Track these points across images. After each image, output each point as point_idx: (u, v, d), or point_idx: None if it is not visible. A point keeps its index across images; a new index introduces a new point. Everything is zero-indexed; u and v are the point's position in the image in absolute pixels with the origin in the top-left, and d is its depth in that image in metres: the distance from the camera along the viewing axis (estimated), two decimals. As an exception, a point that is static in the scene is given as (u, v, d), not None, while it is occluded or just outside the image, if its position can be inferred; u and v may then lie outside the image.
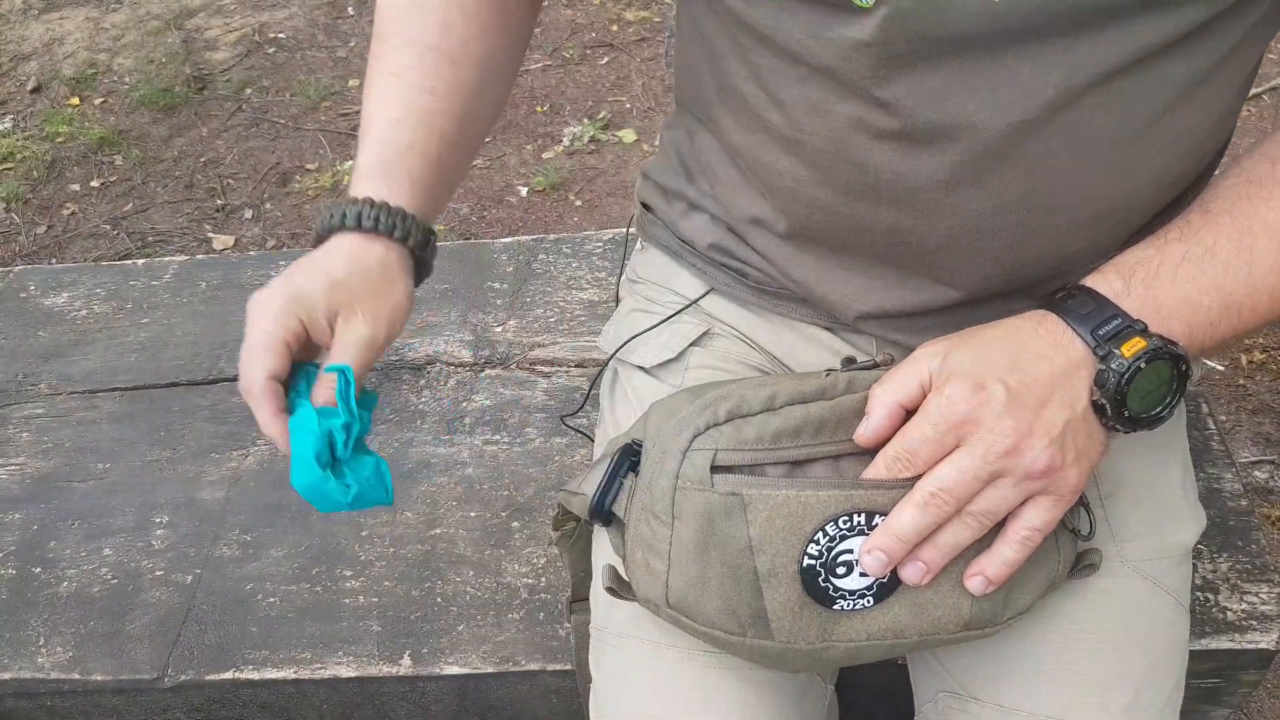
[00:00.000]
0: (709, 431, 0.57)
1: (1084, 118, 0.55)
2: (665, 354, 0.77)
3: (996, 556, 0.56)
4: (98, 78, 2.47)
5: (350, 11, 2.60)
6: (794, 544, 0.55)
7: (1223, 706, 0.98)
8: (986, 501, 0.53)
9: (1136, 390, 0.53)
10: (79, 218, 2.11)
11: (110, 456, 1.11)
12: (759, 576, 0.56)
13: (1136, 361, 0.52)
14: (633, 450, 0.61)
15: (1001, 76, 0.54)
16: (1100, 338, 0.54)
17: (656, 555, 0.58)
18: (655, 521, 0.58)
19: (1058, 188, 0.58)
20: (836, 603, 0.57)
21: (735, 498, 0.56)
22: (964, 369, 0.54)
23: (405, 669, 0.92)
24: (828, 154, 0.60)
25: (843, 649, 0.58)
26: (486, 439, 1.09)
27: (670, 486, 0.57)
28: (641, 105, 2.26)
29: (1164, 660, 0.67)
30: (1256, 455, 1.12)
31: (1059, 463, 0.53)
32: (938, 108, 0.55)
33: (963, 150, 0.56)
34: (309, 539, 1.01)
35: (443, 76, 0.67)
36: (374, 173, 0.64)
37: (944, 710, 0.69)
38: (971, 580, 0.57)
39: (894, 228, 0.62)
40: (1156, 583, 0.68)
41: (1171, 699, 0.67)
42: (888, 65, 0.54)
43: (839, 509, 0.55)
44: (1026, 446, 0.52)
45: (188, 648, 0.95)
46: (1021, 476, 0.52)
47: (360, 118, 0.68)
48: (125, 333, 1.24)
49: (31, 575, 1.01)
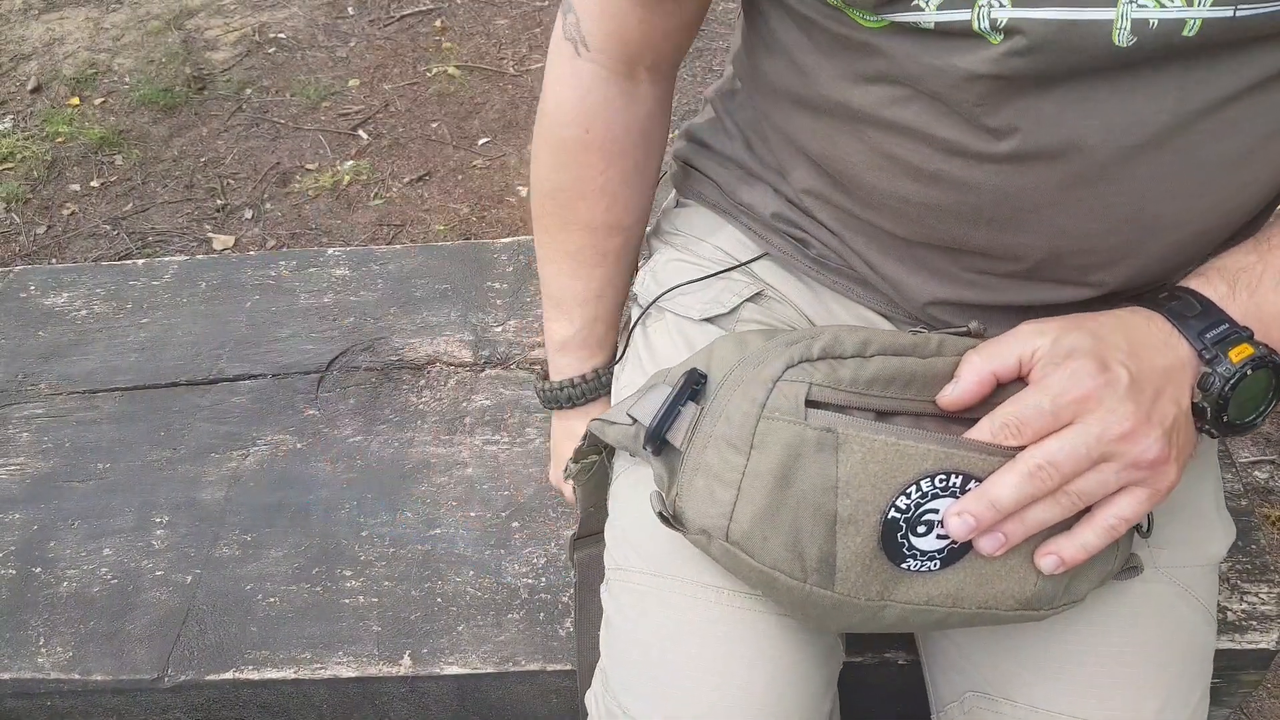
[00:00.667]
0: (802, 365, 0.55)
1: (1194, 142, 0.54)
2: (716, 308, 0.75)
3: (1077, 539, 0.55)
4: (98, 78, 2.47)
5: (350, 11, 2.59)
6: (884, 492, 0.53)
7: (1223, 706, 0.97)
8: (1087, 483, 0.53)
9: (1238, 396, 0.53)
10: (79, 218, 2.11)
11: (110, 456, 1.11)
12: (838, 520, 0.54)
13: (1243, 367, 0.52)
14: (695, 379, 0.59)
15: (1116, 102, 0.52)
16: (1207, 341, 0.53)
17: (724, 484, 0.56)
18: (729, 450, 0.55)
19: (1164, 210, 0.57)
20: (906, 561, 0.55)
21: (830, 434, 0.54)
22: (1085, 348, 0.53)
23: (405, 669, 0.92)
24: (923, 174, 0.59)
25: (898, 610, 0.57)
26: (486, 439, 1.09)
27: (754, 414, 0.55)
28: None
29: (1193, 668, 0.66)
30: (1256, 455, 1.11)
31: (1166, 455, 0.52)
32: (1049, 133, 0.54)
33: (1072, 174, 0.55)
34: (309, 539, 1.01)
35: (613, 243, 0.77)
36: (573, 350, 0.82)
37: (971, 710, 0.68)
38: (1045, 559, 0.56)
39: (991, 244, 0.61)
40: (1189, 591, 0.67)
41: (1198, 709, 0.66)
42: (1000, 94, 0.53)
43: (938, 465, 0.53)
44: (1143, 434, 0.51)
45: (187, 648, 0.95)
46: (1128, 463, 0.52)
47: (541, 283, 0.82)
48: (125, 333, 1.24)
49: (31, 575, 1.01)
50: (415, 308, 1.23)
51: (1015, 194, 0.57)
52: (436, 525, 1.02)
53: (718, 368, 0.59)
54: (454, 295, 1.25)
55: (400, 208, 2.06)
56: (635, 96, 0.71)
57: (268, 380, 1.17)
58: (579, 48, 0.68)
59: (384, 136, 2.24)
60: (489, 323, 1.21)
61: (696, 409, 0.58)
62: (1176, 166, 0.55)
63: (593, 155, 0.72)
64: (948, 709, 0.71)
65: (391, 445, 1.09)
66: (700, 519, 0.57)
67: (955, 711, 0.70)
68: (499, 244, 1.32)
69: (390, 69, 2.41)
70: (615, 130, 0.71)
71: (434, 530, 1.01)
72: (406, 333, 1.20)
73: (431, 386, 1.15)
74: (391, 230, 2.01)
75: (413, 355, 1.18)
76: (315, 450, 1.09)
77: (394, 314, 1.23)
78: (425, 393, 1.14)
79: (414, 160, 2.18)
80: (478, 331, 1.20)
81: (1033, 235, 0.59)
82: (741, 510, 0.55)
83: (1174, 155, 0.54)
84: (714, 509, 0.56)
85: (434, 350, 1.19)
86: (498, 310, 1.23)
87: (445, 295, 1.25)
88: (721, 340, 0.61)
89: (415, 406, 1.13)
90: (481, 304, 1.23)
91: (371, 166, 2.17)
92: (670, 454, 0.59)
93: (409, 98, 2.34)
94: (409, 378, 1.16)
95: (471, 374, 1.16)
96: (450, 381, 1.16)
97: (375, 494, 1.05)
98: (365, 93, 2.36)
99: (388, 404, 1.13)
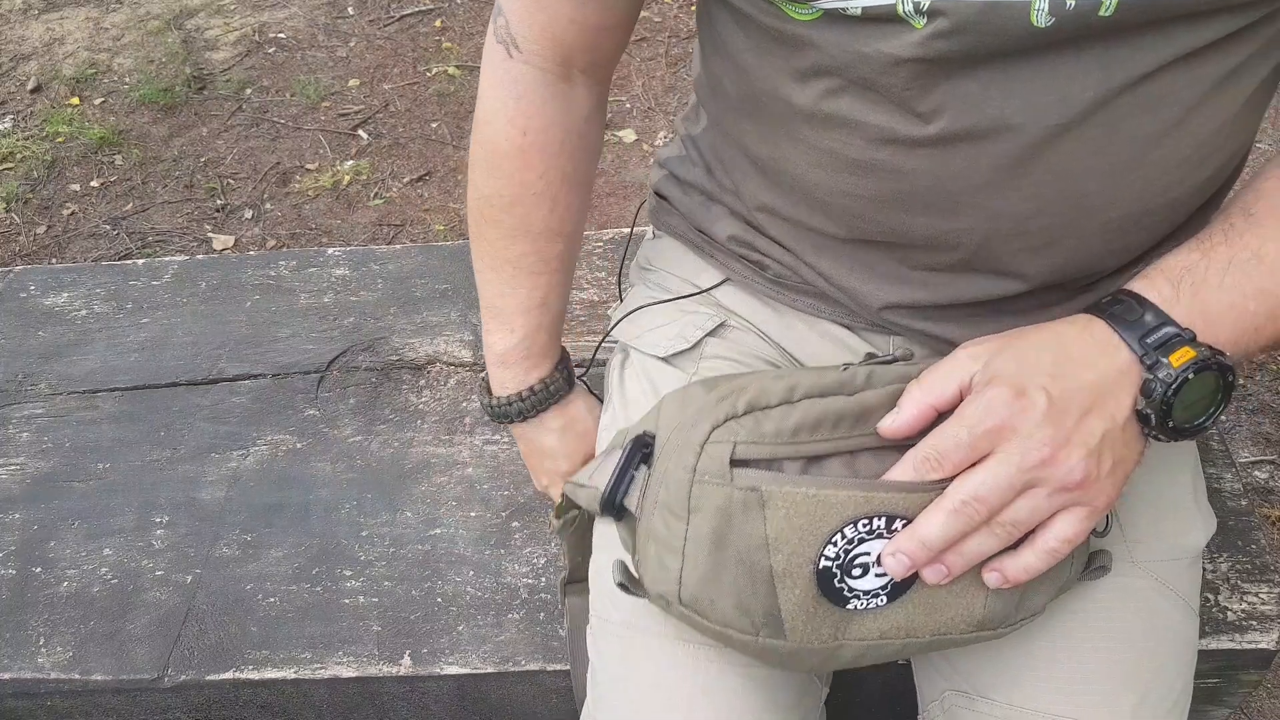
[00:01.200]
0: (728, 424, 0.56)
1: (1119, 118, 0.54)
2: (680, 344, 0.76)
3: (1020, 561, 0.55)
4: (98, 77, 2.47)
5: (350, 11, 2.59)
6: (811, 544, 0.54)
7: (1223, 706, 0.98)
8: (1018, 511, 0.53)
9: (1182, 400, 0.52)
10: (79, 218, 2.11)
11: (110, 456, 1.11)
12: (774, 575, 0.55)
13: (1184, 372, 0.52)
14: (644, 442, 0.60)
15: (1040, 82, 0.53)
16: (1148, 346, 0.53)
17: (670, 551, 0.57)
18: (670, 517, 0.57)
19: (1094, 188, 0.57)
20: (850, 602, 0.56)
21: (754, 493, 0.54)
22: (1006, 373, 0.53)
23: (405, 669, 0.92)
24: (861, 164, 0.60)
25: (854, 648, 0.58)
26: (486, 439, 1.09)
27: (687, 480, 0.56)
28: (641, 105, 2.26)
29: (1172, 662, 0.67)
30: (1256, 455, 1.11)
31: (1094, 475, 0.52)
32: (976, 114, 0.55)
33: (1001, 154, 0.56)
34: (309, 539, 1.01)
35: (554, 250, 0.76)
36: (515, 361, 0.80)
37: (950, 709, 0.69)
38: (989, 574, 0.56)
39: (930, 232, 0.62)
40: (1166, 584, 0.67)
41: (1180, 701, 0.67)
42: (926, 77, 0.54)
43: (859, 511, 0.54)
44: (1063, 458, 0.51)
45: (188, 648, 0.95)
46: (1056, 488, 0.52)
47: (480, 294, 0.79)
48: (125, 333, 1.24)
49: (31, 575, 1.01)
50: (415, 308, 1.23)
51: (948, 178, 0.58)
52: (436, 525, 1.02)
53: (664, 428, 0.60)
54: (454, 295, 1.25)
55: (400, 207, 2.07)
56: (571, 99, 0.71)
57: (268, 380, 1.17)
58: (510, 50, 0.68)
59: (384, 136, 2.24)
60: (489, 323, 1.21)
61: (647, 473, 0.59)
62: (1102, 144, 0.55)
63: (531, 158, 0.71)
64: (930, 708, 0.72)
65: (391, 445, 1.09)
66: (655, 586, 0.59)
67: (936, 711, 0.70)
68: (499, 244, 1.32)
69: (390, 69, 2.41)
70: (553, 133, 0.71)
71: (434, 530, 1.01)
72: (406, 333, 1.21)
73: (431, 386, 1.15)
74: (391, 230, 2.01)
75: (413, 355, 1.18)
76: (315, 450, 1.09)
77: (394, 314, 1.23)
78: (425, 393, 1.14)
79: (414, 160, 2.18)
80: (477, 331, 1.20)
81: (967, 219, 0.60)
82: (688, 575, 0.57)
83: (1099, 132, 0.55)
84: (665, 575, 0.58)
85: (434, 350, 1.19)
86: (498, 310, 1.23)
87: (445, 295, 1.25)
88: (669, 397, 0.61)
89: (415, 406, 1.13)
90: (481, 304, 1.23)
91: (371, 166, 2.17)
92: (630, 519, 0.60)
93: (409, 97, 2.34)
94: (409, 378, 1.16)
95: (471, 374, 1.16)
96: (450, 381, 1.16)
97: (375, 494, 1.05)
98: (365, 93, 2.36)
99: (388, 404, 1.13)
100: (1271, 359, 1.53)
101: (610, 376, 0.84)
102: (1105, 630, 0.65)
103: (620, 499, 0.60)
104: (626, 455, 0.60)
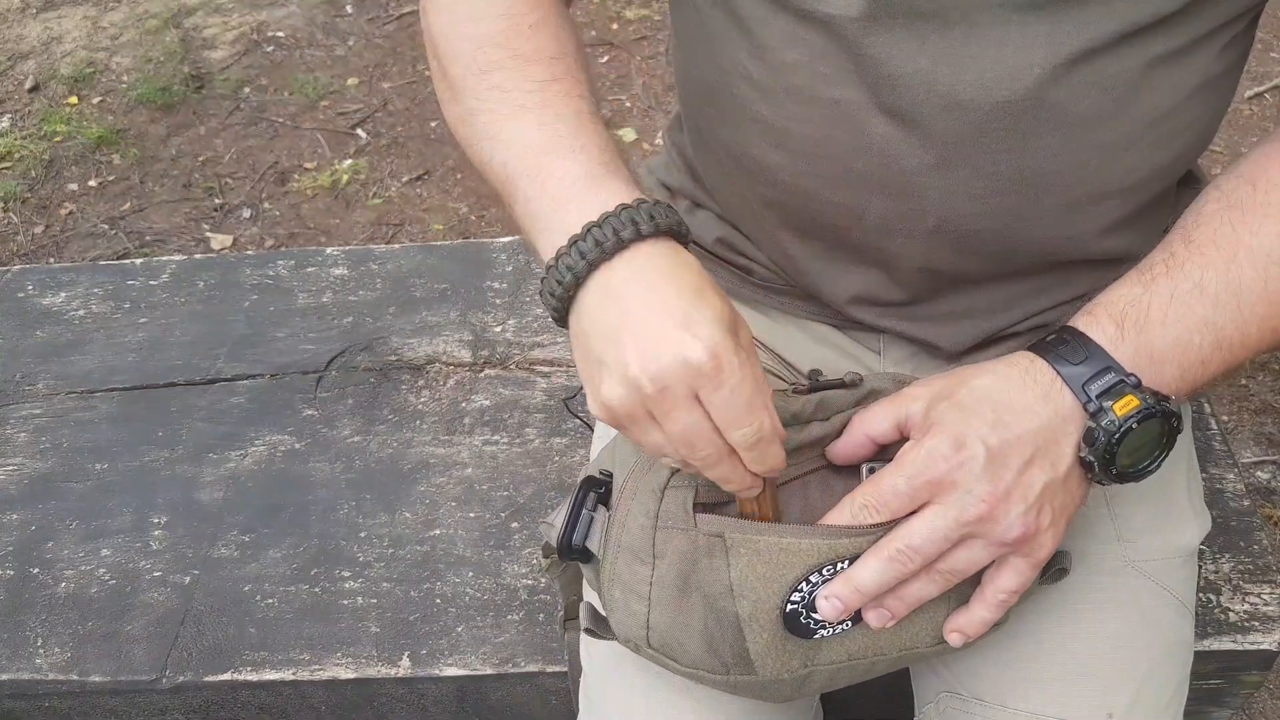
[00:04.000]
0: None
1: (1069, 95, 0.55)
2: None
3: (974, 617, 0.56)
4: (96, 76, 2.46)
5: (349, 10, 2.59)
6: (776, 591, 0.54)
7: (1225, 707, 0.97)
8: (955, 561, 0.53)
9: (1126, 448, 0.52)
10: (77, 217, 2.10)
11: (108, 457, 1.10)
12: (740, 620, 0.55)
13: (1129, 421, 0.51)
14: (598, 482, 0.59)
15: (989, 57, 0.54)
16: (1091, 394, 0.52)
17: (636, 596, 0.57)
18: (635, 561, 0.56)
19: (1048, 168, 0.57)
20: (817, 633, 0.56)
21: (718, 539, 0.54)
22: (947, 422, 0.53)
23: (404, 670, 0.92)
24: (817, 142, 0.60)
25: (825, 672, 0.58)
26: (486, 439, 1.09)
27: (650, 526, 0.56)
28: (641, 104, 2.26)
29: (1166, 661, 0.67)
30: (1259, 455, 1.11)
31: (1033, 530, 0.52)
32: (926, 88, 0.55)
33: (952, 131, 0.56)
34: (307, 540, 1.01)
35: (584, 76, 0.62)
36: (605, 173, 0.54)
37: (945, 710, 0.69)
38: (951, 636, 0.57)
39: (886, 214, 0.62)
40: (1159, 583, 0.68)
41: (1174, 700, 0.67)
42: (874, 46, 0.54)
43: (822, 558, 0.54)
44: (1001, 514, 0.51)
45: (186, 649, 0.94)
46: (993, 542, 0.52)
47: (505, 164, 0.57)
48: (123, 333, 1.23)
49: (29, 576, 1.01)
50: (414, 307, 1.23)
51: (900, 156, 0.58)
52: (435, 526, 1.01)
53: (620, 468, 0.59)
54: (453, 295, 1.24)
55: (399, 207, 2.06)
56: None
57: (266, 380, 1.17)
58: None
59: (382, 135, 2.24)
60: (488, 322, 1.21)
61: (607, 515, 0.58)
62: (1052, 122, 0.55)
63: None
64: (925, 710, 0.72)
65: (390, 445, 1.09)
66: (623, 630, 0.59)
67: (931, 713, 0.71)
68: (498, 243, 1.31)
69: (389, 68, 2.40)
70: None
71: (433, 531, 1.01)
72: (405, 332, 1.20)
73: (430, 386, 1.15)
74: (390, 229, 2.01)
75: (411, 355, 1.18)
76: (313, 450, 1.09)
77: (392, 314, 1.22)
78: (424, 393, 1.14)
79: (413, 159, 2.18)
80: (477, 331, 1.20)
81: (922, 200, 0.60)
82: (656, 619, 0.57)
83: (1049, 110, 0.55)
84: (632, 620, 0.58)
85: (433, 350, 1.18)
86: (497, 310, 1.22)
87: (444, 295, 1.24)
88: (622, 436, 0.59)
89: (414, 406, 1.13)
90: (480, 304, 1.23)
91: (370, 165, 2.16)
92: (595, 560, 0.60)
93: (408, 96, 2.33)
94: (408, 378, 1.16)
95: (470, 374, 1.16)
96: (449, 381, 1.15)
97: (374, 494, 1.04)
98: (364, 91, 2.35)
99: (386, 404, 1.13)
100: (1273, 359, 1.52)
101: None
102: (1099, 630, 0.66)
103: (583, 542, 0.59)
104: (577, 499, 0.59)
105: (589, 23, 2.49)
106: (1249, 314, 0.55)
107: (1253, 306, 0.55)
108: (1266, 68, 2.14)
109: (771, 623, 0.55)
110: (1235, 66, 0.60)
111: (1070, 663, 0.65)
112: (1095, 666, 0.65)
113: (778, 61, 0.58)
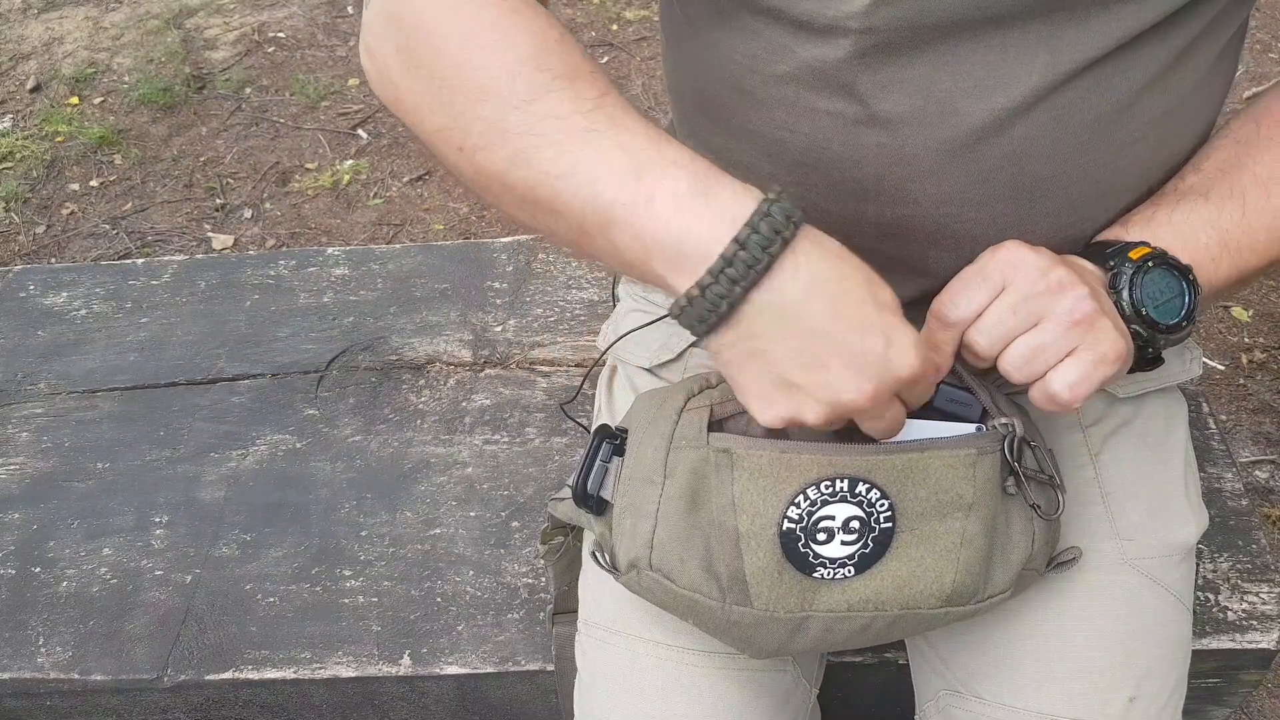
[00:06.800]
0: (703, 392, 0.58)
1: (1067, 101, 0.55)
2: (665, 354, 0.76)
3: (1035, 394, 0.54)
4: (97, 77, 2.46)
5: (350, 10, 2.59)
6: (774, 505, 0.55)
7: (1223, 706, 0.98)
8: (1034, 334, 0.53)
9: (1149, 293, 0.55)
10: (78, 217, 2.11)
11: (109, 456, 1.11)
12: (740, 536, 0.55)
13: (1145, 262, 0.55)
14: (612, 433, 0.61)
15: (987, 64, 0.54)
16: (1108, 254, 0.57)
17: (645, 516, 0.58)
18: (646, 485, 0.58)
19: (1045, 172, 0.58)
20: (816, 570, 0.56)
21: (725, 454, 0.56)
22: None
23: (405, 669, 0.92)
24: (811, 153, 0.60)
25: (821, 620, 0.58)
26: (486, 439, 1.09)
27: (664, 447, 0.57)
28: (641, 105, 2.26)
29: (1165, 658, 0.67)
30: (1257, 455, 1.11)
31: (1094, 312, 0.52)
32: (922, 96, 0.55)
33: (948, 139, 0.56)
34: (308, 539, 1.01)
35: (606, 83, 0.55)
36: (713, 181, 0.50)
37: (945, 708, 0.69)
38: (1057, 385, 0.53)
39: (883, 221, 0.62)
40: (1157, 581, 0.68)
41: (1173, 697, 0.67)
42: (872, 55, 0.54)
43: (821, 474, 0.54)
44: (1066, 291, 0.52)
45: (187, 648, 0.95)
46: (1061, 320, 0.52)
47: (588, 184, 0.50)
48: (124, 332, 1.24)
49: (31, 575, 1.01)
50: (415, 307, 1.23)
51: (897, 163, 0.58)
52: (436, 525, 1.02)
53: (637, 418, 0.61)
54: (454, 295, 1.25)
55: (400, 207, 2.06)
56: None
57: (267, 380, 1.17)
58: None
59: (383, 136, 2.24)
60: (489, 322, 1.21)
61: (620, 462, 0.60)
62: (1051, 127, 0.56)
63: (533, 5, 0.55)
64: (925, 708, 0.72)
65: (391, 445, 1.09)
66: (627, 554, 0.59)
67: (931, 710, 0.71)
68: (498, 243, 1.32)
69: (390, 68, 2.41)
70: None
71: (434, 530, 1.01)
72: (406, 332, 1.20)
73: (431, 386, 1.15)
74: (391, 229, 2.01)
75: (412, 355, 1.18)
76: (315, 450, 1.09)
77: (393, 313, 1.23)
78: (425, 392, 1.14)
79: (413, 159, 2.18)
80: (477, 331, 1.20)
81: (917, 206, 0.60)
82: (660, 535, 0.58)
83: (1047, 116, 0.55)
84: (637, 540, 0.58)
85: (434, 350, 1.19)
86: (497, 310, 1.23)
87: (445, 295, 1.25)
88: (642, 396, 0.62)
89: (415, 406, 1.13)
90: (481, 303, 1.23)
91: (371, 166, 2.17)
92: (609, 511, 0.61)
93: (408, 97, 2.34)
94: (409, 377, 1.16)
95: (471, 374, 1.16)
96: (450, 381, 1.16)
97: (375, 493, 1.05)
98: (365, 92, 2.36)
99: (387, 403, 1.13)
100: (1272, 359, 1.53)
101: (599, 391, 0.84)
102: (1098, 628, 0.66)
103: (597, 489, 0.60)
104: (593, 445, 0.61)
105: (589, 23, 2.49)
106: (1255, 222, 0.58)
107: (1258, 217, 0.58)
108: (1265, 68, 2.14)
109: (769, 540, 0.55)
110: (1231, 60, 0.60)
111: (1069, 661, 0.65)
112: (1094, 664, 0.65)
113: (770, 72, 0.58)
